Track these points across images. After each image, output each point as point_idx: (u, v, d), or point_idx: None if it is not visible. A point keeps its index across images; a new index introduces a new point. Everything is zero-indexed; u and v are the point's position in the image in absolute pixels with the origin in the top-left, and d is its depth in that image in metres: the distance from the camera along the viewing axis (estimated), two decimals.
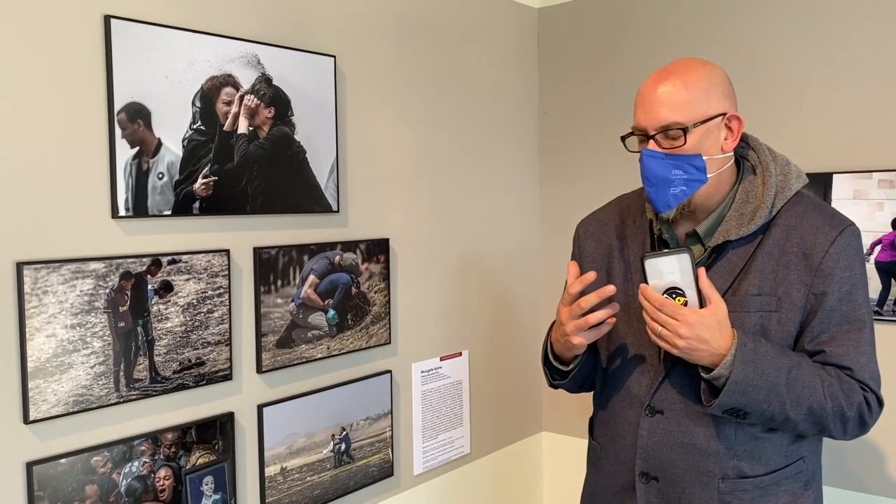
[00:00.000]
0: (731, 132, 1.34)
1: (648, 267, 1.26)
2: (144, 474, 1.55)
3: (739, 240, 1.32)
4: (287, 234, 1.83)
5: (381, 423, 2.07)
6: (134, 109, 1.51)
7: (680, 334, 1.22)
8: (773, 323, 1.30)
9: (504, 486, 2.58)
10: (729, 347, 1.23)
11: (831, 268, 1.28)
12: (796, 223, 1.32)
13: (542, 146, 2.70)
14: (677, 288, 1.25)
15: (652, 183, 1.31)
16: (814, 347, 1.29)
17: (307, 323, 1.86)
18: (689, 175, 1.30)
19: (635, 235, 1.45)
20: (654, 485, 1.36)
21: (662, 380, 1.35)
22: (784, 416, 1.25)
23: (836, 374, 1.27)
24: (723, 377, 1.23)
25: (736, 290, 1.31)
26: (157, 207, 1.56)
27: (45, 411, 1.40)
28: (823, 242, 1.29)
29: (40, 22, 1.40)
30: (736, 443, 1.31)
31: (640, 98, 1.34)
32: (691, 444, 1.32)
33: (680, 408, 1.34)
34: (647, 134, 1.31)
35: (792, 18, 2.15)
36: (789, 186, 1.34)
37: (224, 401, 1.71)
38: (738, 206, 1.34)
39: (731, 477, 1.31)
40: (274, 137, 1.76)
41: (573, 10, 2.60)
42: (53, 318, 1.41)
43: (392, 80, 2.12)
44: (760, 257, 1.31)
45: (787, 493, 1.33)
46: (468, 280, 2.40)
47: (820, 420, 1.26)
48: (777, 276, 1.30)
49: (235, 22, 1.71)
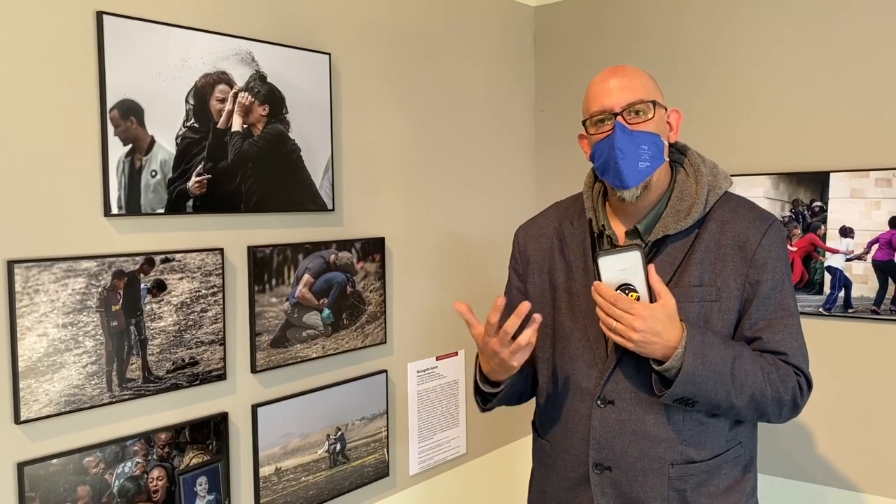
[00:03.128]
0: (671, 126, 1.44)
1: (602, 264, 1.30)
2: (137, 475, 1.54)
3: (677, 234, 1.40)
4: (281, 233, 1.82)
5: (376, 423, 2.06)
6: (127, 106, 1.50)
7: (634, 328, 1.27)
8: (714, 312, 1.37)
9: (500, 487, 2.57)
10: (679, 340, 1.28)
11: (764, 258, 1.37)
12: (730, 217, 1.40)
13: (538, 144, 2.69)
14: (629, 284, 1.30)
15: (624, 155, 1.35)
16: (752, 334, 1.37)
17: (302, 322, 1.84)
18: (652, 152, 1.37)
19: (574, 235, 1.51)
20: (608, 474, 1.41)
21: (612, 371, 1.40)
22: (729, 403, 1.32)
23: (773, 361, 1.35)
24: (674, 368, 1.28)
25: (678, 282, 1.38)
26: (150, 205, 1.54)
27: (37, 411, 1.39)
28: (756, 235, 1.38)
29: (32, 18, 1.39)
30: (684, 429, 1.37)
31: (598, 86, 1.40)
32: (643, 432, 1.38)
33: (630, 397, 1.39)
34: (614, 112, 1.37)
35: (788, 18, 2.15)
36: (719, 185, 1.43)
37: (218, 401, 1.69)
38: (674, 204, 1.41)
39: (679, 462, 1.37)
40: (268, 135, 1.75)
41: (569, 9, 2.59)
42: (45, 317, 1.39)
43: (388, 77, 2.10)
44: (699, 250, 1.38)
45: (729, 477, 1.40)
46: (464, 279, 2.39)
47: (760, 405, 1.34)
48: (715, 267, 1.38)
49: (230, 19, 1.69)
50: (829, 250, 2.08)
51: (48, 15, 1.41)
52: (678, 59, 2.35)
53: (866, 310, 2.03)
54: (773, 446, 2.22)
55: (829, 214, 2.07)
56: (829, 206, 2.07)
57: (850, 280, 2.06)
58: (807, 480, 2.17)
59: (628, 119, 1.37)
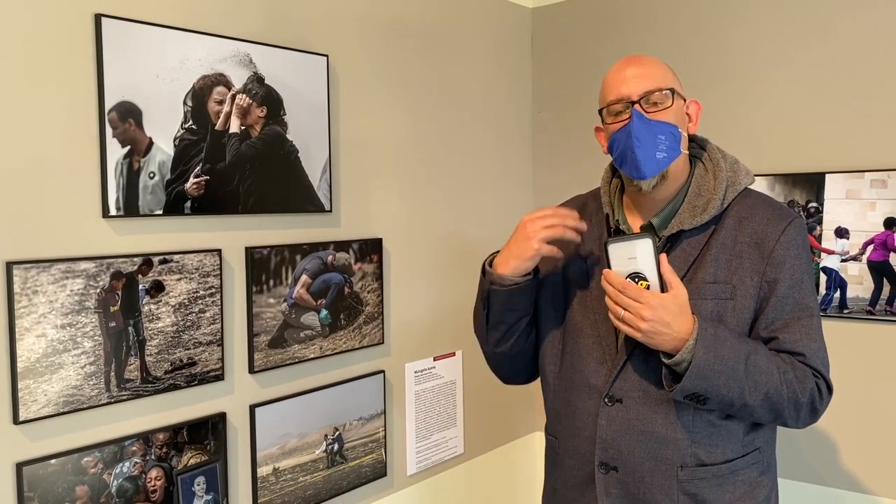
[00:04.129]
0: (690, 118, 1.41)
1: (612, 252, 1.28)
2: (135, 475, 1.54)
3: (693, 230, 1.36)
4: (279, 234, 1.83)
5: (374, 423, 2.07)
6: (125, 108, 1.50)
7: (643, 317, 1.24)
8: (728, 310, 1.32)
9: (498, 487, 2.58)
10: (690, 332, 1.25)
11: (782, 256, 1.32)
12: (748, 214, 1.36)
13: (536, 146, 2.70)
14: (639, 273, 1.27)
15: (641, 144, 1.32)
16: (768, 334, 1.32)
17: (300, 323, 1.85)
18: (670, 143, 1.33)
19: (591, 230, 1.48)
20: (614, 475, 1.37)
21: (621, 368, 1.37)
22: (742, 401, 1.27)
23: (790, 360, 1.30)
24: (685, 361, 1.25)
25: (692, 278, 1.34)
26: (149, 207, 1.55)
27: (36, 412, 1.40)
28: (774, 232, 1.33)
29: (30, 21, 1.39)
30: (694, 430, 1.33)
31: (615, 76, 1.38)
32: (650, 433, 1.34)
33: (639, 396, 1.35)
34: (631, 100, 1.34)
35: (785, 19, 2.16)
36: (739, 181, 1.39)
37: (216, 401, 1.70)
38: (691, 199, 1.38)
39: (689, 465, 1.33)
40: (266, 137, 1.76)
41: (567, 10, 2.60)
42: (43, 318, 1.40)
43: (385, 79, 2.11)
44: (714, 247, 1.35)
45: (744, 483, 1.35)
46: (462, 280, 2.40)
47: (776, 406, 1.29)
48: (731, 264, 1.34)
49: (228, 21, 1.70)
50: (824, 251, 2.09)
51: (47, 18, 1.41)
52: (674, 61, 2.36)
53: (861, 310, 2.04)
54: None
55: (825, 215, 2.08)
56: (824, 207, 2.08)
57: (845, 281, 2.07)
58: (801, 480, 2.18)
59: (646, 108, 1.33)
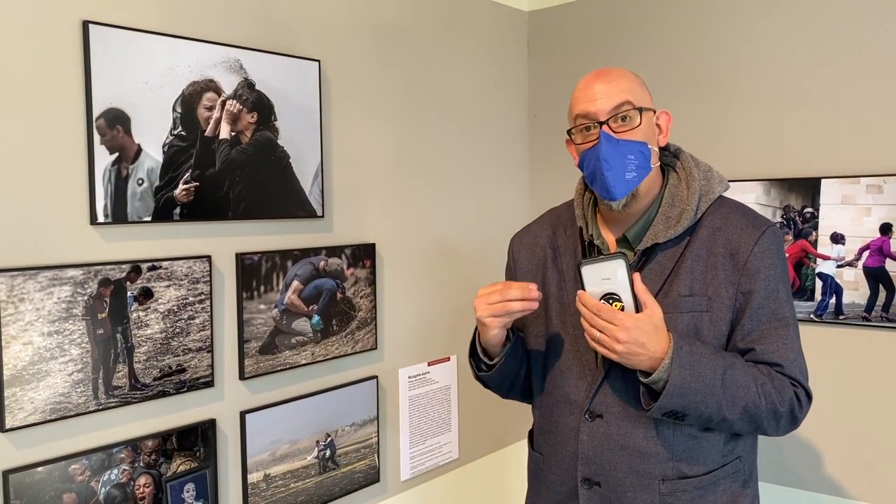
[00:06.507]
0: (660, 129, 1.40)
1: (585, 273, 1.28)
2: (124, 482, 1.54)
3: (667, 242, 1.36)
4: (270, 240, 1.82)
5: (366, 428, 2.06)
6: (113, 115, 1.50)
7: (618, 339, 1.23)
8: (704, 323, 1.32)
9: (492, 492, 2.57)
10: (666, 351, 1.24)
11: (756, 266, 1.32)
12: (721, 224, 1.36)
13: (532, 150, 2.69)
14: (614, 293, 1.27)
15: (610, 166, 1.32)
16: (745, 345, 1.32)
17: (291, 329, 1.85)
18: (639, 161, 1.33)
19: (567, 245, 1.48)
20: (597, 490, 1.37)
21: (600, 384, 1.37)
22: (721, 416, 1.27)
23: (768, 371, 1.30)
24: (661, 381, 1.24)
25: (667, 291, 1.34)
26: (137, 214, 1.55)
27: (22, 419, 1.39)
28: (748, 242, 1.33)
29: (18, 27, 1.39)
30: (675, 443, 1.33)
31: (583, 92, 1.36)
32: (631, 447, 1.34)
33: (619, 411, 1.35)
34: (598, 120, 1.33)
35: (780, 25, 2.14)
36: (712, 190, 1.39)
37: (205, 407, 1.70)
38: (664, 210, 1.37)
39: (671, 478, 1.33)
40: (257, 142, 1.75)
41: (563, 14, 2.59)
42: (30, 326, 1.40)
43: (378, 84, 2.11)
44: (689, 259, 1.34)
45: (726, 493, 1.35)
46: (455, 285, 2.39)
47: (754, 418, 1.29)
48: (706, 276, 1.33)
49: (217, 27, 1.70)
50: (820, 256, 2.08)
51: (34, 24, 1.41)
52: (670, 65, 2.35)
53: (857, 316, 2.03)
54: (760, 452, 2.21)
55: (821, 221, 2.07)
56: (820, 213, 2.07)
57: (841, 286, 2.05)
58: (795, 486, 2.16)
59: (614, 126, 1.32)
